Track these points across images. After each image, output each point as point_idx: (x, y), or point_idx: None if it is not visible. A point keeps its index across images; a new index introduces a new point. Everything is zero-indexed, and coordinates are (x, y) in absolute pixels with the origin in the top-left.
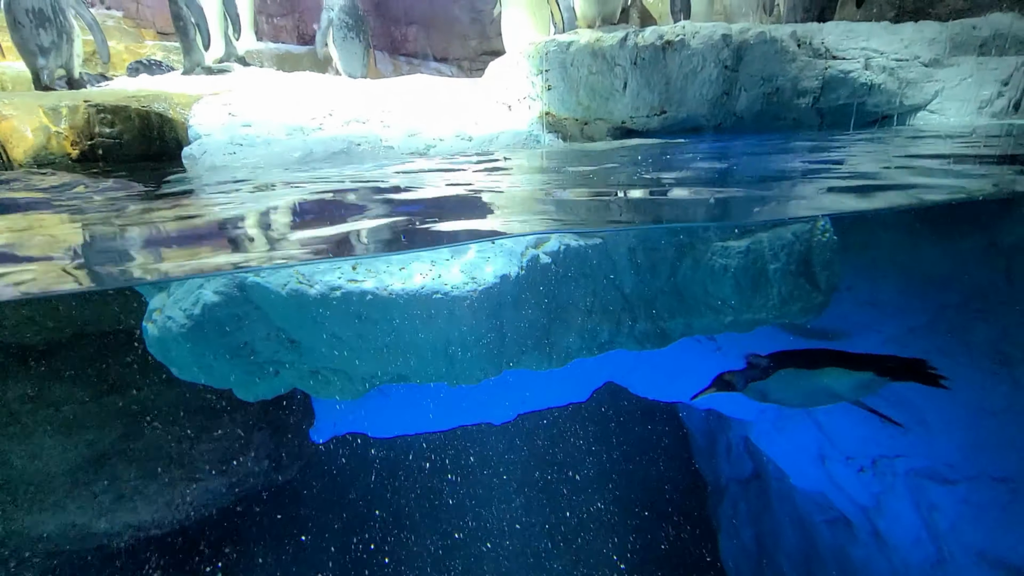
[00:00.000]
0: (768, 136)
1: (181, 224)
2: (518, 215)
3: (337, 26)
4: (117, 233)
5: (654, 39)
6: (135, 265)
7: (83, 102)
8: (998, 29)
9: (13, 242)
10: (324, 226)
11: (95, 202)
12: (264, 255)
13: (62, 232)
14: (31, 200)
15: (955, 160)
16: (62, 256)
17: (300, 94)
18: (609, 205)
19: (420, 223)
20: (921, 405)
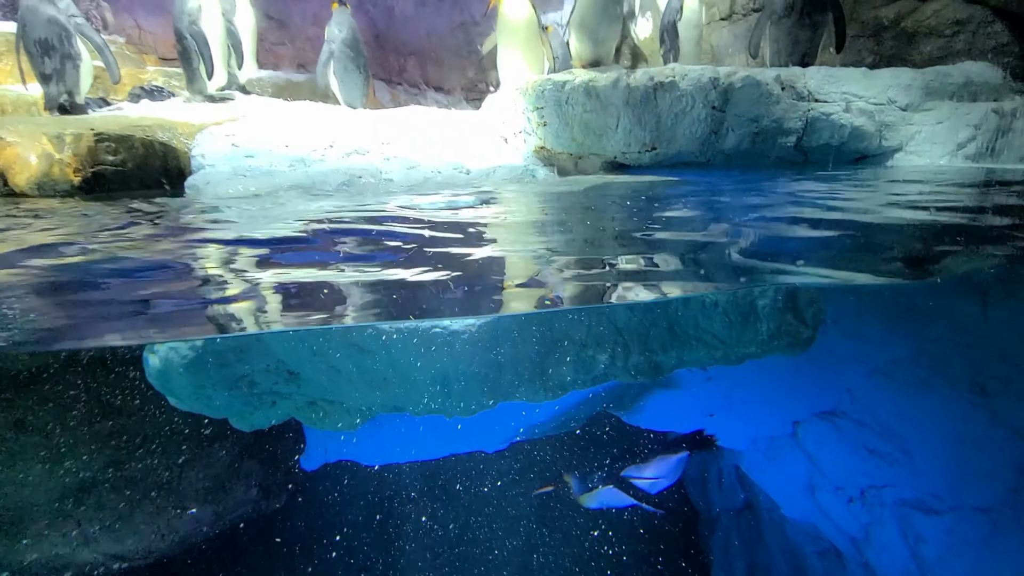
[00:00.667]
0: (753, 174)
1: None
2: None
3: (338, 58)
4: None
5: (645, 80)
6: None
7: (88, 130)
8: (969, 76)
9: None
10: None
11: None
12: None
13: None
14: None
15: (935, 210)
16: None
17: (302, 125)
18: (600, 291)
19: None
20: (906, 435)
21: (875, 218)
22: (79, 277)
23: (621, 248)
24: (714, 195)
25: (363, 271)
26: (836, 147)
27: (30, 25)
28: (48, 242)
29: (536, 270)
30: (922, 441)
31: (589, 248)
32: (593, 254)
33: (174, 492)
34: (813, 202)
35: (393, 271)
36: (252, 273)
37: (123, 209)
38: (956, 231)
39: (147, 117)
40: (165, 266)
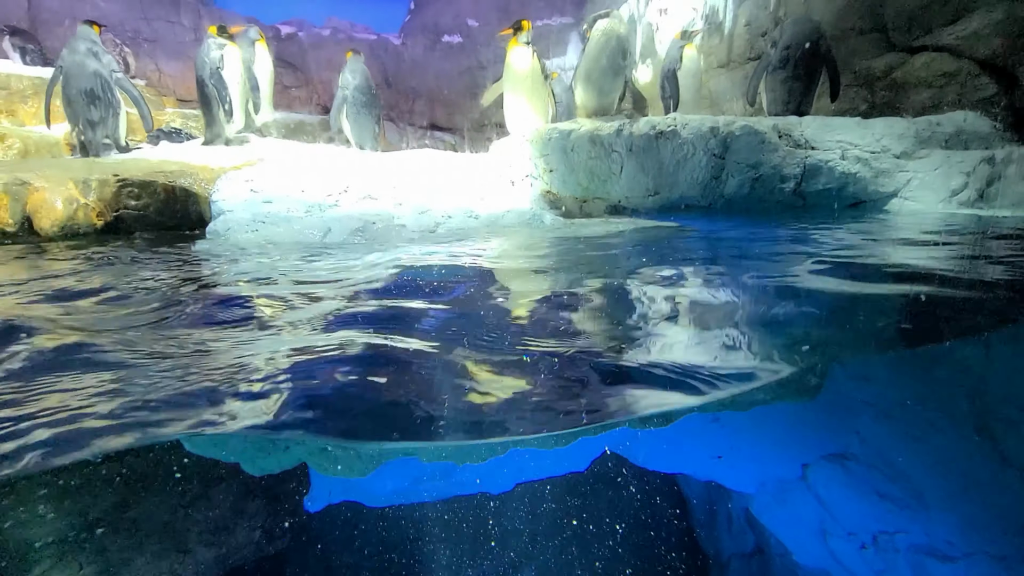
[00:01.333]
0: (754, 219)
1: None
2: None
3: (351, 103)
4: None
5: (647, 129)
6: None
7: (112, 176)
8: (960, 126)
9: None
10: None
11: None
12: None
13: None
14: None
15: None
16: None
17: (317, 170)
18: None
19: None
20: (916, 479)
21: (881, 287)
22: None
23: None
24: (717, 252)
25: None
26: (834, 192)
27: (75, 77)
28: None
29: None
30: (933, 485)
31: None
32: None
33: (177, 534)
34: (816, 260)
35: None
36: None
37: (155, 259)
38: (960, 288)
39: (168, 161)
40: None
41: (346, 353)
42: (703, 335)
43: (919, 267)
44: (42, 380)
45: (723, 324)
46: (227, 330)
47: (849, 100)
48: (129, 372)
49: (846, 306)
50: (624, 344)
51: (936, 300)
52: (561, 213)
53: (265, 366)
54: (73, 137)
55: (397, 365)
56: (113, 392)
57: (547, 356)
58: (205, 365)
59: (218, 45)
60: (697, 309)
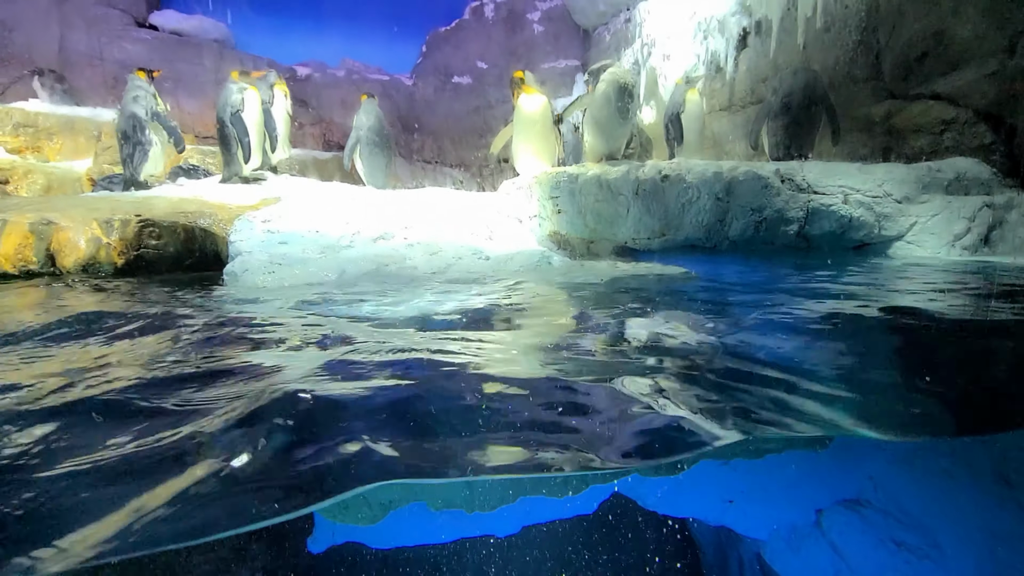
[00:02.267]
0: (760, 261)
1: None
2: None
3: (364, 144)
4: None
5: (653, 174)
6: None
7: (135, 216)
8: (960, 172)
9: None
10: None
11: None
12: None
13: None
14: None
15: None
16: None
17: (331, 209)
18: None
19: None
20: (934, 527)
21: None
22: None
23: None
24: (726, 302)
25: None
26: (838, 235)
27: (118, 119)
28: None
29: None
30: (952, 534)
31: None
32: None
33: (177, 575)
34: (825, 315)
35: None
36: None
37: (181, 304)
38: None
39: (187, 200)
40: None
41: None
42: (714, 391)
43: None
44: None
45: (730, 382)
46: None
47: (849, 144)
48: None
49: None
50: (636, 393)
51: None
52: (568, 253)
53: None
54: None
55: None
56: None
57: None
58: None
59: (239, 89)
60: (705, 363)
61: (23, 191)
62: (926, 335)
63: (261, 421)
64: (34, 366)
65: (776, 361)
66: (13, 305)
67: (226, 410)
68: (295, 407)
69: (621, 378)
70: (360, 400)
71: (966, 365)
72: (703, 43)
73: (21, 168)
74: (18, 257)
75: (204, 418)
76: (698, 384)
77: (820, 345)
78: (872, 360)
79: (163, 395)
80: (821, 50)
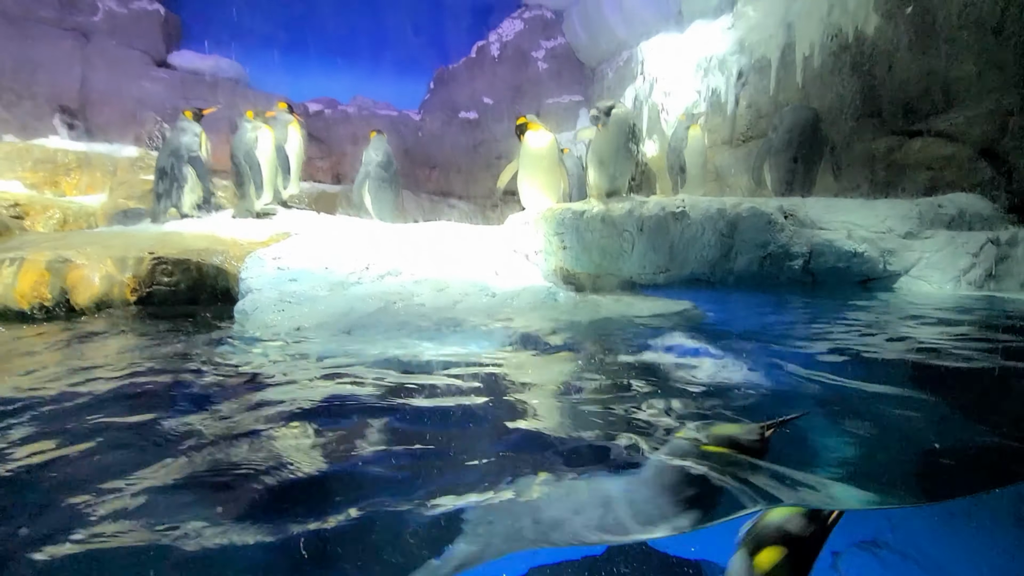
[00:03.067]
0: (764, 295)
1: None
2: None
3: (372, 179)
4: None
5: (657, 210)
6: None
7: (148, 254)
8: (962, 207)
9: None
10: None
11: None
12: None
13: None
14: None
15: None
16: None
17: (340, 246)
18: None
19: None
20: (953, 570)
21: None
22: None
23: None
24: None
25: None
26: (843, 270)
27: (160, 154)
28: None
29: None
30: (968, 574)
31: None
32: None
33: None
34: (844, 355)
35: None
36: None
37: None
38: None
39: (201, 235)
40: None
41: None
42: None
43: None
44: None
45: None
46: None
47: (851, 179)
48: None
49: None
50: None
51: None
52: (574, 288)
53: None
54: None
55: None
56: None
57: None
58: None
59: (253, 128)
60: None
61: (40, 226)
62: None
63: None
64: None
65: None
66: (38, 367)
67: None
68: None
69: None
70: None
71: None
72: (703, 80)
73: (39, 203)
74: (34, 294)
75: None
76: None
77: (840, 416)
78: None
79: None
80: (820, 87)
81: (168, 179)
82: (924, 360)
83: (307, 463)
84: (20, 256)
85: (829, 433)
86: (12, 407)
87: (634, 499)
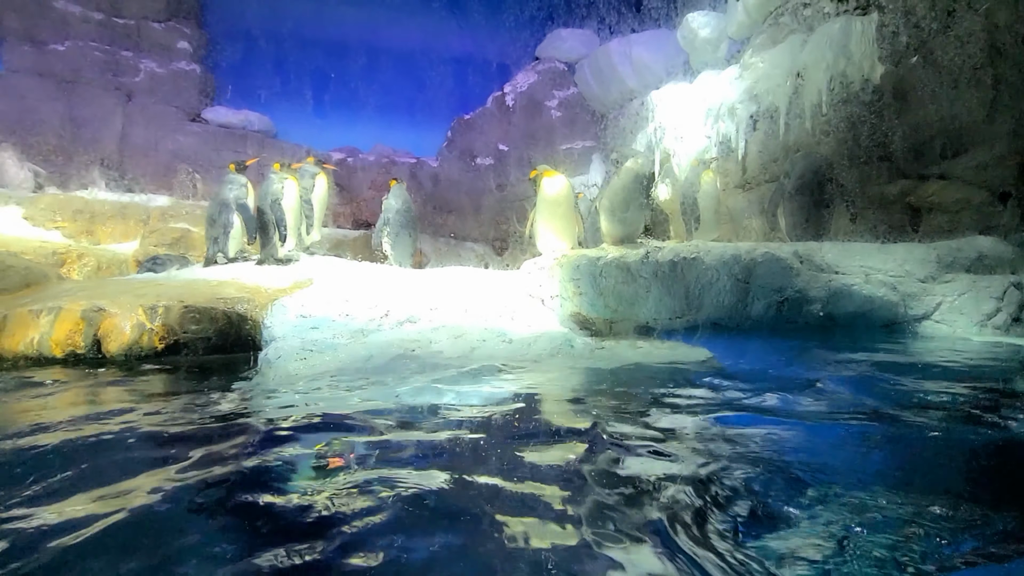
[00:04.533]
0: (784, 341)
1: None
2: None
3: (391, 225)
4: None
5: (672, 256)
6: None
7: (178, 303)
8: (981, 251)
9: None
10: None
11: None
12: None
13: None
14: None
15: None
16: None
17: (360, 293)
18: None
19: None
20: None
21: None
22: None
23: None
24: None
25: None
26: (863, 314)
27: (210, 203)
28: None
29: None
30: None
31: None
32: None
33: None
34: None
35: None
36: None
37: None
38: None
39: (227, 282)
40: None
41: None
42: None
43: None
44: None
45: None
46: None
47: (868, 222)
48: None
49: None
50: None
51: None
52: (590, 333)
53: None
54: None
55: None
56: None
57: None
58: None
59: (279, 179)
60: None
61: (75, 273)
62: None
63: None
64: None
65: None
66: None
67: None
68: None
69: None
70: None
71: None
72: (714, 126)
73: (75, 252)
74: (67, 342)
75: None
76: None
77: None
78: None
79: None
80: (830, 132)
81: (217, 226)
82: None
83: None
84: (58, 306)
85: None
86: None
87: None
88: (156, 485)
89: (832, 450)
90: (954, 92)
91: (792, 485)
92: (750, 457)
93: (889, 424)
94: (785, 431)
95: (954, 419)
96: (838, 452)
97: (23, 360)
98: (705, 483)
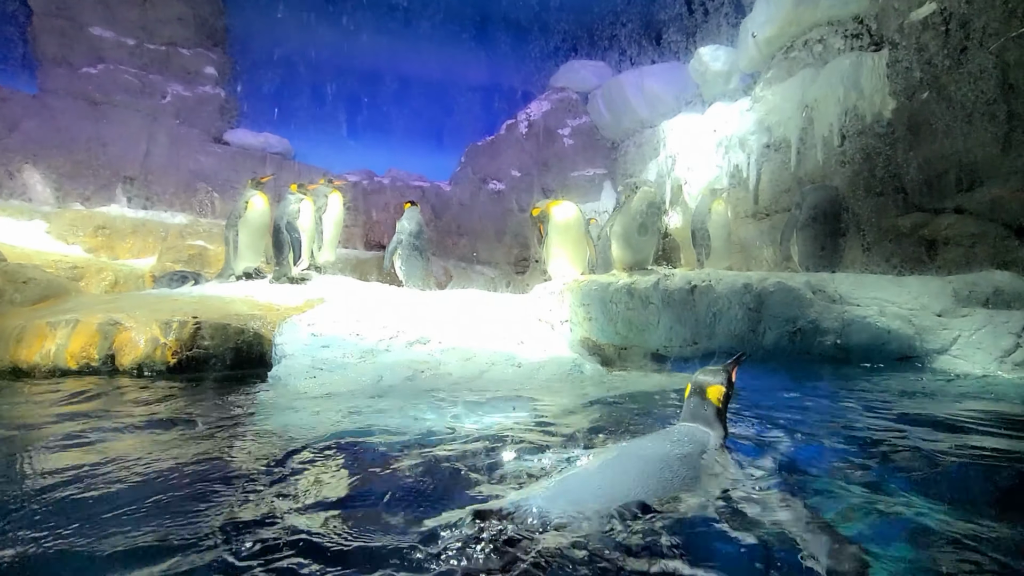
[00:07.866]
0: (798, 373)
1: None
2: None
3: (404, 247)
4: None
5: (683, 284)
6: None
7: (192, 319)
8: (998, 285)
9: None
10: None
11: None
12: None
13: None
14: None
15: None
16: None
17: (371, 313)
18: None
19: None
20: None
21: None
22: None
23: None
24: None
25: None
26: (877, 347)
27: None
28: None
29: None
30: None
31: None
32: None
33: None
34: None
35: None
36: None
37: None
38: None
39: (241, 300)
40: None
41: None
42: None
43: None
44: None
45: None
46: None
47: (881, 254)
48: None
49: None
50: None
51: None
52: (600, 360)
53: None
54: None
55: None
56: None
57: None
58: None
59: (296, 199)
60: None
61: (93, 287)
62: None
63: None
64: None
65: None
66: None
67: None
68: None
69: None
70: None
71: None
72: (725, 156)
73: (94, 266)
74: (82, 355)
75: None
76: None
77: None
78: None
79: None
80: (841, 164)
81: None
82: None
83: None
84: (75, 318)
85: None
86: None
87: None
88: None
89: None
90: (968, 127)
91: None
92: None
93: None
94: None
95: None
96: None
97: (37, 370)
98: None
